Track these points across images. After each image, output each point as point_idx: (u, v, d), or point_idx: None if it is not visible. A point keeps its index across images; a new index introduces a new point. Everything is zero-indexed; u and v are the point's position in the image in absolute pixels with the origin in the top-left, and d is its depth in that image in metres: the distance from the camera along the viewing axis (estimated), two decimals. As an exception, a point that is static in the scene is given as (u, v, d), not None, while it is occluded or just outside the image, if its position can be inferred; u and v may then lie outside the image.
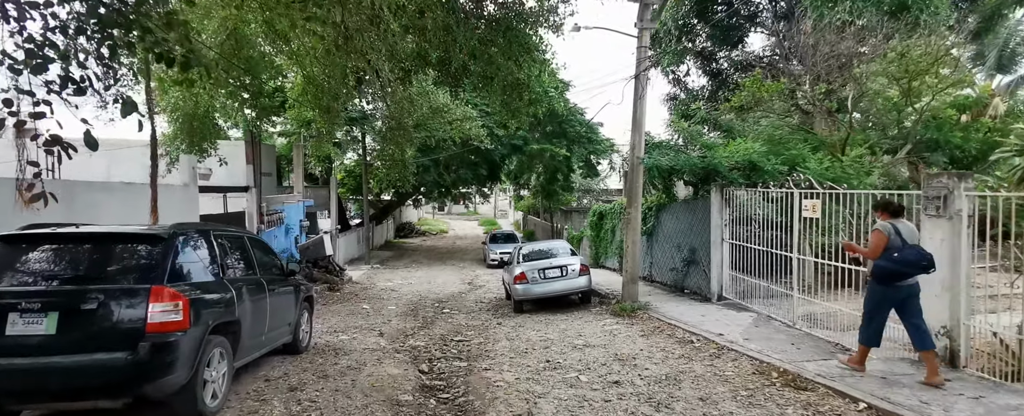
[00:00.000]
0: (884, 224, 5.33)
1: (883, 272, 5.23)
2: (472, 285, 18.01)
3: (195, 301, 4.43)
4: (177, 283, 4.39)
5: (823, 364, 5.88)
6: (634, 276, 10.60)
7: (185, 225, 5.04)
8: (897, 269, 5.15)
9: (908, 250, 5.15)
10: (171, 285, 4.30)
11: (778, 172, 9.33)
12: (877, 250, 5.26)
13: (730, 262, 9.89)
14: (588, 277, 11.27)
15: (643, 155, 10.56)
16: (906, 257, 5.12)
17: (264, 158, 20.81)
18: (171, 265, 4.39)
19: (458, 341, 8.66)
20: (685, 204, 11.87)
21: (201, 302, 4.54)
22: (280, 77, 15.97)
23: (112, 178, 11.29)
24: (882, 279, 5.28)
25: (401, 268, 22.90)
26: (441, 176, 26.01)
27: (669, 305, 10.16)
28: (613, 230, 17.23)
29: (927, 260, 5.11)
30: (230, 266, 5.40)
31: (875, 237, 5.32)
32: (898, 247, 5.18)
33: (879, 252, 5.25)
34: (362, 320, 11.07)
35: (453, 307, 13.17)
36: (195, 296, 4.47)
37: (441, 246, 34.70)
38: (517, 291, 11.16)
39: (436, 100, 16.41)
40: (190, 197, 10.85)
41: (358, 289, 16.77)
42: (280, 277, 6.80)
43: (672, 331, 8.08)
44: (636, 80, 10.64)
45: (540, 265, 11.25)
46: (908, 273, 5.16)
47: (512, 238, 25.18)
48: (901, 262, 5.12)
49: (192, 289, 4.51)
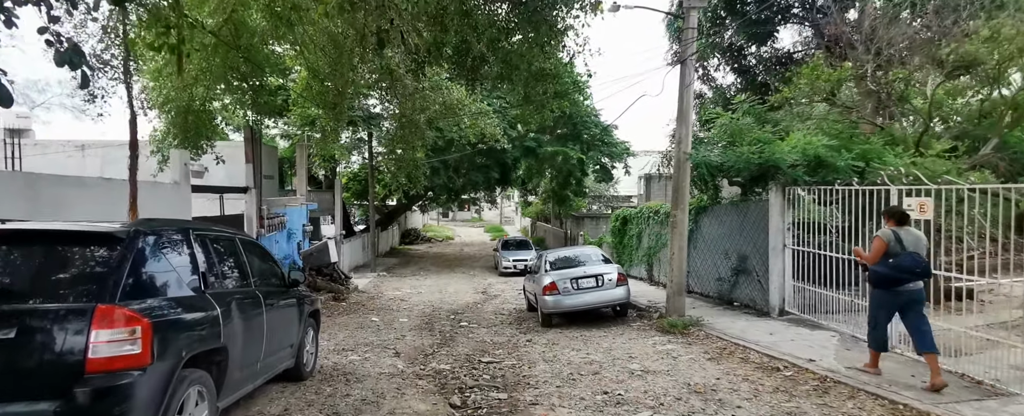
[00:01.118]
0: (886, 231, 5.49)
1: (878, 277, 5.42)
2: (486, 294, 16.79)
3: (162, 325, 3.23)
4: (137, 300, 3.18)
5: (977, 407, 4.62)
6: (680, 287, 9.36)
7: (154, 222, 3.83)
8: (891, 275, 5.32)
9: (904, 256, 5.29)
10: (128, 303, 3.09)
11: (852, 168, 8.12)
12: (876, 255, 5.44)
13: (793, 271, 8.66)
14: (626, 288, 10.04)
15: (690, 150, 9.36)
16: (901, 263, 5.28)
17: (265, 160, 19.65)
18: (129, 275, 3.18)
19: (487, 363, 7.42)
20: (732, 206, 10.65)
21: (171, 325, 3.34)
22: (282, 74, 14.84)
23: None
24: (878, 283, 5.47)
25: (409, 276, 21.68)
26: (450, 179, 24.84)
27: (723, 320, 8.92)
28: (639, 236, 16.00)
29: (921, 267, 5.27)
30: (216, 276, 4.21)
31: (875, 243, 5.50)
32: (896, 253, 5.33)
33: (878, 257, 5.43)
34: (373, 335, 9.85)
35: (471, 319, 11.95)
36: (162, 318, 3.27)
37: (448, 253, 33.48)
38: (547, 303, 9.93)
39: (450, 96, 15.25)
40: (182, 197, 9.68)
41: (365, 299, 15.55)
42: (281, 288, 5.61)
43: (744, 353, 6.83)
44: (682, 66, 9.45)
45: (572, 274, 10.03)
46: (903, 279, 5.29)
47: (525, 245, 23.95)
48: (895, 267, 5.30)
49: (159, 308, 3.31)
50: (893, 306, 5.45)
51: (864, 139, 9.13)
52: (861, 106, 11.26)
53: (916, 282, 5.30)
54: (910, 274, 5.25)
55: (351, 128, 23.36)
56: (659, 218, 14.22)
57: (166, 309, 3.35)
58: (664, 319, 9.18)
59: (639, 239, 16.08)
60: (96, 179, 7.95)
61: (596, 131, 26.42)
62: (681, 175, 9.37)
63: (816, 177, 8.40)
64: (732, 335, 7.72)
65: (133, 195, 6.47)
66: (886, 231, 5.48)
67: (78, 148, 19.78)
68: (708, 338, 7.85)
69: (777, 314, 8.84)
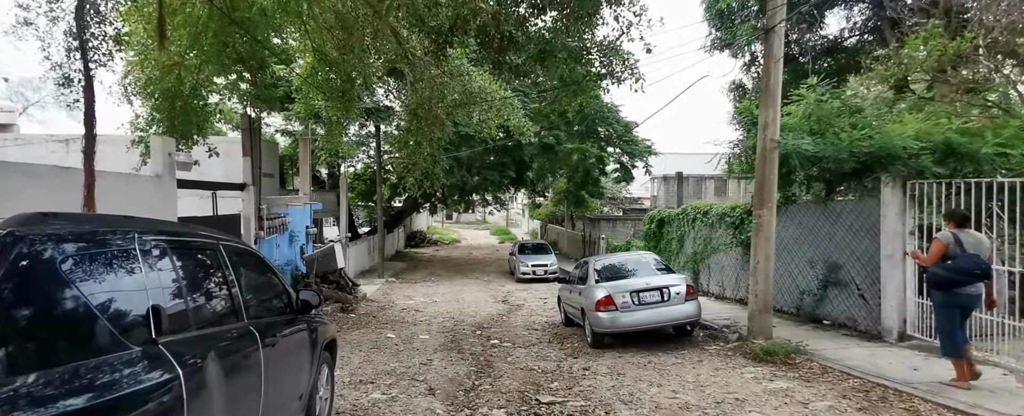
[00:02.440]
0: (945, 233, 5.46)
1: (936, 279, 5.36)
2: (508, 304, 15.16)
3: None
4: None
5: None
6: (767, 303, 7.72)
7: (63, 219, 2.14)
8: (949, 276, 5.26)
9: (963, 258, 5.22)
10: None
11: (1000, 156, 6.49)
12: (934, 257, 5.38)
13: (917, 286, 7.01)
14: (697, 303, 8.39)
15: (777, 137, 7.73)
16: (959, 265, 5.22)
17: (265, 157, 17.98)
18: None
19: (549, 404, 5.78)
20: (816, 206, 9.01)
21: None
22: (284, 62, 13.19)
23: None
24: (937, 285, 5.40)
25: (420, 282, 20.03)
26: (463, 178, 23.20)
27: (826, 345, 7.26)
28: (681, 239, 14.36)
29: (981, 268, 5.16)
30: (183, 311, 2.58)
31: (934, 245, 5.46)
32: (954, 255, 5.27)
33: (936, 259, 5.36)
34: (393, 359, 8.21)
35: (502, 336, 10.32)
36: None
37: (457, 257, 31.81)
38: (601, 321, 8.28)
39: (471, 83, 13.60)
40: (164, 193, 8.05)
41: (375, 309, 13.91)
42: (286, 315, 3.97)
43: (907, 401, 5.13)
44: (769, 35, 7.83)
45: (631, 286, 8.38)
46: (962, 280, 5.21)
47: (543, 249, 22.29)
48: (954, 269, 5.24)
49: (33, 390, 1.66)
50: (956, 307, 5.34)
51: (990, 125, 7.49)
52: (958, 87, 9.63)
53: (976, 284, 5.25)
54: (969, 276, 5.17)
55: (359, 123, 21.74)
56: (709, 220, 12.59)
57: (57, 389, 1.69)
58: (749, 342, 7.54)
59: (680, 243, 14.44)
60: (50, 167, 6.31)
61: (619, 127, 24.78)
62: (766, 167, 7.73)
63: (946, 168, 6.77)
64: (861, 369, 6.05)
65: (89, 185, 4.84)
66: (945, 233, 5.44)
67: (62, 143, 18.22)
68: (827, 372, 6.19)
69: (896, 338, 7.18)
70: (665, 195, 28.75)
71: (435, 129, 13.63)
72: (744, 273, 11.13)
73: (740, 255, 11.17)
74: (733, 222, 11.17)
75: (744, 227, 10.80)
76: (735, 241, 10.99)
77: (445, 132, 14.12)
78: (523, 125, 14.44)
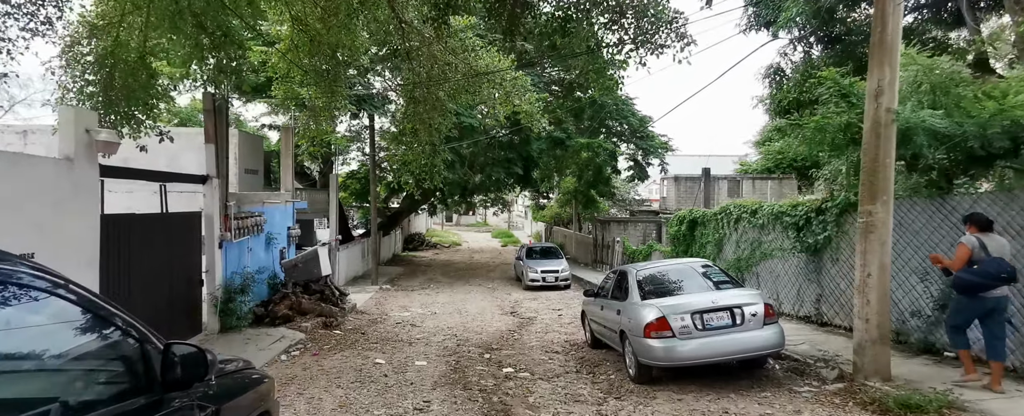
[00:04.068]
0: (969, 237, 5.44)
1: (963, 283, 5.37)
2: (518, 316, 13.19)
3: None
4: None
5: None
6: (883, 331, 5.74)
7: None
8: (977, 280, 5.26)
9: (989, 262, 5.23)
10: None
11: None
12: (960, 262, 5.39)
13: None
14: (779, 329, 6.38)
15: (895, 106, 5.76)
16: (986, 269, 5.22)
17: (250, 152, 15.98)
18: None
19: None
20: (927, 201, 7.00)
21: None
22: (253, 29, 11.21)
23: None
24: (963, 290, 5.43)
25: (417, 290, 18.04)
26: (465, 175, 21.20)
27: (982, 394, 5.25)
28: (719, 243, 12.38)
29: (1008, 272, 5.20)
30: None
31: (959, 249, 5.46)
32: (980, 259, 5.27)
33: (962, 264, 5.37)
34: (379, 400, 6.26)
35: (516, 361, 8.37)
36: None
37: (458, 261, 29.81)
38: (652, 352, 6.28)
39: (478, 61, 11.65)
40: (77, 181, 6.07)
41: (365, 323, 11.94)
42: (137, 401, 1.97)
43: None
44: (881, -27, 5.85)
45: (690, 305, 6.38)
46: (989, 284, 5.24)
47: (553, 253, 20.29)
48: (981, 274, 5.24)
49: None
50: (976, 312, 5.42)
51: None
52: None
53: (1002, 288, 5.28)
54: (996, 280, 5.20)
55: (350, 114, 19.74)
56: (758, 220, 10.62)
57: None
58: (860, 384, 5.55)
59: (717, 247, 12.46)
60: None
61: (634, 121, 22.79)
62: (880, 148, 5.75)
63: None
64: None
65: None
66: (970, 237, 5.43)
67: (19, 134, 16.29)
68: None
69: (1072, 381, 5.22)
70: (676, 196, 26.78)
71: (436, 115, 11.68)
72: (809, 284, 9.15)
73: (804, 263, 9.20)
74: (794, 223, 9.20)
75: (810, 228, 8.83)
76: (799, 245, 9.01)
77: (447, 119, 12.18)
78: (534, 111, 12.46)
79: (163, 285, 8.25)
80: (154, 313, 7.82)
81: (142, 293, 7.55)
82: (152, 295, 7.86)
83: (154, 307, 7.85)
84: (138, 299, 7.39)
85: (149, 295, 7.77)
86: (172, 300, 8.49)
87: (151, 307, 7.75)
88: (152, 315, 7.80)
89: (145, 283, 7.66)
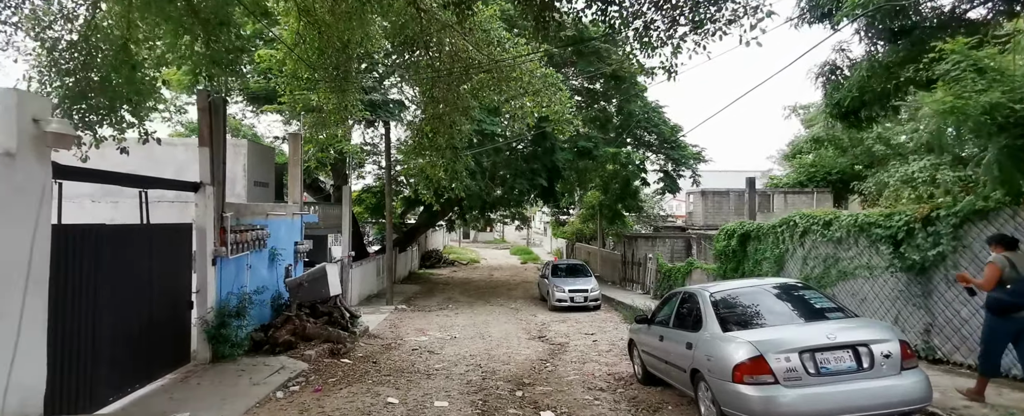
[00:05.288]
0: (998, 257, 5.44)
1: (997, 304, 5.36)
2: (547, 341, 11.76)
3: None
4: None
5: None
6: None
7: None
8: (1010, 300, 5.24)
9: (1021, 282, 5.21)
10: None
11: None
12: (991, 282, 5.38)
13: None
14: (923, 376, 4.82)
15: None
16: (1019, 289, 5.21)
17: (260, 163, 14.75)
18: None
19: None
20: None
21: None
22: (253, 13, 10.10)
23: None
24: (996, 311, 5.40)
25: (435, 310, 16.67)
26: (486, 188, 19.92)
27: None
28: (779, 260, 10.87)
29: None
30: None
31: (989, 269, 5.45)
32: (1012, 279, 5.27)
33: (993, 284, 5.37)
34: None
35: (556, 402, 6.98)
36: None
37: (477, 279, 28.41)
38: (748, 402, 4.78)
39: (503, 55, 10.41)
40: (18, 184, 4.85)
41: (377, 349, 10.61)
42: None
43: None
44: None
45: (798, 340, 4.88)
46: (1021, 304, 5.20)
47: (581, 271, 18.79)
48: (1014, 293, 5.23)
49: None
50: (1009, 333, 5.36)
51: None
52: None
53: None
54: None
55: (364, 121, 18.65)
56: (833, 233, 9.13)
57: None
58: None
59: (777, 264, 10.95)
60: None
61: (665, 129, 21.41)
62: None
63: None
64: None
65: None
66: (999, 257, 5.43)
67: None
68: None
69: None
70: (703, 211, 25.24)
71: (457, 114, 10.44)
72: (914, 310, 7.57)
73: (904, 284, 7.66)
74: (889, 235, 7.69)
75: (913, 242, 7.32)
76: (898, 263, 7.49)
77: (470, 119, 10.93)
78: (565, 112, 11.12)
79: (141, 309, 6.99)
80: (126, 343, 6.56)
81: (111, 319, 6.29)
82: (125, 321, 6.59)
83: (126, 336, 6.59)
84: (105, 326, 6.13)
85: (121, 321, 6.50)
86: (152, 326, 7.22)
87: (122, 336, 6.49)
88: (123, 346, 6.54)
89: (116, 307, 6.41)
